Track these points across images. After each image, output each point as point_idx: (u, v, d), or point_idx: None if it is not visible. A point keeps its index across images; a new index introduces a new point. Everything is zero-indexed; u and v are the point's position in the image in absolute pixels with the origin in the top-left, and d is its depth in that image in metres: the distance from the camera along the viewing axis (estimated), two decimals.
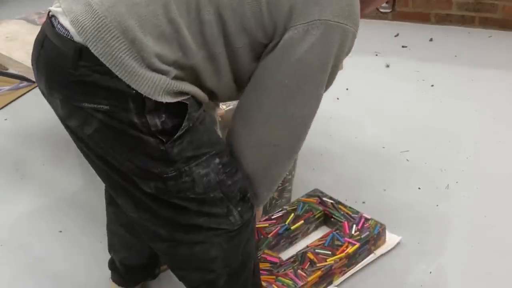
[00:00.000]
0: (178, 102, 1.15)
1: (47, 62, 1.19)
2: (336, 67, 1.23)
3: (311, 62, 1.19)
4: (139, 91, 1.10)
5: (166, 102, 1.13)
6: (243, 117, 1.28)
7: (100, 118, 1.14)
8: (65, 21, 1.14)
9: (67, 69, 1.13)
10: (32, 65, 1.27)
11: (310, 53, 1.17)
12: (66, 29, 1.14)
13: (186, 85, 1.16)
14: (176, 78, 1.14)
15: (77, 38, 1.11)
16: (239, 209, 1.29)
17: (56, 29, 1.16)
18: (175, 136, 1.16)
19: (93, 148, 1.21)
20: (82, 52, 1.11)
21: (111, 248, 1.72)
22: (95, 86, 1.12)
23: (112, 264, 1.75)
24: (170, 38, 1.12)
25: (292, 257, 1.80)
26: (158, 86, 1.11)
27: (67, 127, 1.25)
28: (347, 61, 1.99)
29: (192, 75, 1.18)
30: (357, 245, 1.82)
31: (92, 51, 1.09)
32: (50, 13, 1.21)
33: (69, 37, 1.13)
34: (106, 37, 1.09)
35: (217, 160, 1.24)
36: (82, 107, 1.14)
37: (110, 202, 1.60)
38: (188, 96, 1.18)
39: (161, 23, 1.11)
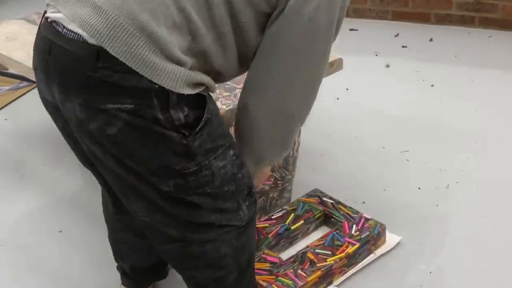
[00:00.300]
0: (196, 94, 1.16)
1: (60, 68, 1.16)
2: (340, 20, 1.26)
3: (320, 21, 1.21)
4: (162, 85, 1.10)
5: (187, 95, 1.13)
6: (254, 89, 1.28)
7: (124, 118, 1.12)
8: (71, 25, 1.12)
9: (85, 72, 1.11)
10: (36, 73, 1.24)
11: (318, 11, 1.20)
12: (75, 33, 1.12)
13: (202, 76, 1.18)
14: (192, 68, 1.16)
15: (91, 40, 1.10)
16: (247, 203, 1.32)
17: (64, 34, 1.14)
18: (197, 129, 1.17)
19: (109, 149, 1.18)
20: (99, 53, 1.09)
21: (118, 256, 1.71)
22: (117, 86, 1.11)
23: (121, 269, 1.74)
24: (181, 26, 1.12)
25: (292, 257, 1.80)
26: (179, 78, 1.12)
27: (82, 130, 1.19)
28: (347, 61, 2.01)
29: (202, 59, 1.19)
30: (357, 245, 1.82)
31: (110, 51, 1.08)
32: (49, 20, 1.18)
33: (81, 40, 1.11)
34: (122, 36, 1.08)
35: (231, 152, 1.26)
36: (105, 109, 1.12)
37: (116, 211, 1.55)
38: (204, 87, 1.19)
39: (172, 12, 1.11)
